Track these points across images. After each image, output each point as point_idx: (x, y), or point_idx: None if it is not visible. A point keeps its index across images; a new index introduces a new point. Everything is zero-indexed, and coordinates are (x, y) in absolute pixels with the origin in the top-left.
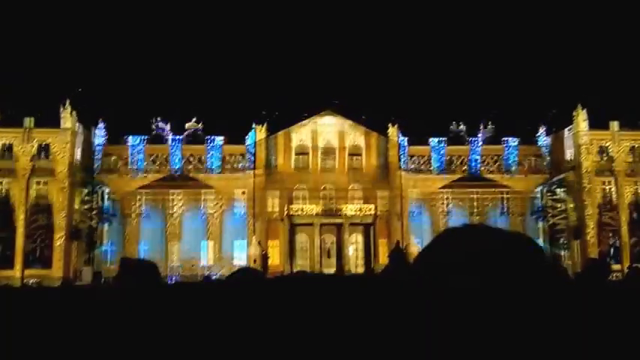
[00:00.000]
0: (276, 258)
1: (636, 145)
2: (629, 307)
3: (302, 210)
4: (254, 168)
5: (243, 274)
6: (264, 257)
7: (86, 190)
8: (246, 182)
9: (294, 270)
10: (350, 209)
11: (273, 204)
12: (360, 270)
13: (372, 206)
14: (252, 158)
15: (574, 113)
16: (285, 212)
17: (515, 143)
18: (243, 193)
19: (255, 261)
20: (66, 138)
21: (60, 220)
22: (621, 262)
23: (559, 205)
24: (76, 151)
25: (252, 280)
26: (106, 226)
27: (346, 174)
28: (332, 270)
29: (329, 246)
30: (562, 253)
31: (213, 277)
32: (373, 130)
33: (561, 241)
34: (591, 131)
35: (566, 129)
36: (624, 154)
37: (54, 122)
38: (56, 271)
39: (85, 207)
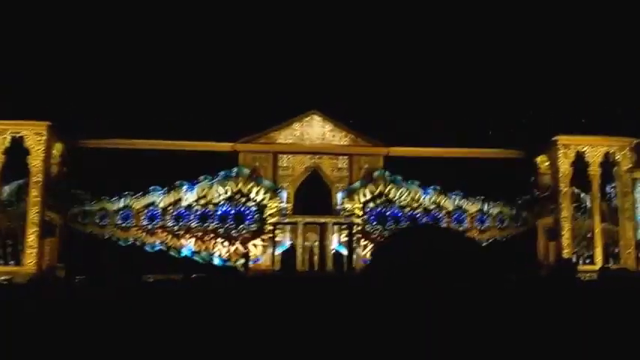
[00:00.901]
0: (254, 249)
1: (610, 151)
2: (599, 306)
3: (285, 209)
4: (237, 166)
5: (223, 272)
6: (246, 256)
7: (61, 185)
8: (232, 186)
9: (277, 269)
10: (335, 209)
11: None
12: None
13: (357, 206)
14: (236, 156)
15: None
16: (268, 211)
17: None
18: (227, 192)
19: (236, 260)
20: (41, 131)
21: (33, 215)
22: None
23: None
24: (53, 144)
25: (232, 279)
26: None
27: (331, 174)
28: (315, 268)
29: (312, 245)
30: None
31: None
32: (359, 131)
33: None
34: (569, 136)
35: (546, 133)
36: (599, 159)
37: (29, 114)
38: (28, 268)
39: (60, 202)
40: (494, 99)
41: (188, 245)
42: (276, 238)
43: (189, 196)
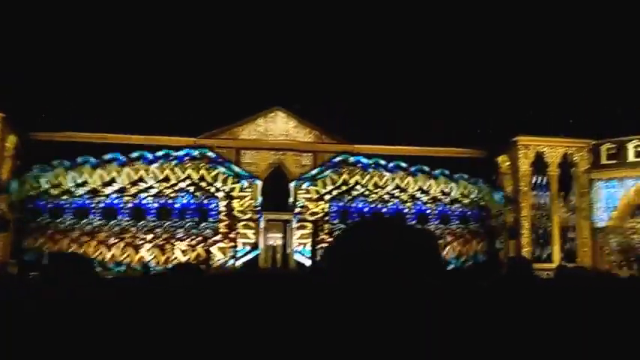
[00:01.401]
0: (219, 254)
1: (569, 152)
2: (555, 303)
3: (248, 205)
4: (200, 161)
5: (180, 270)
6: (207, 253)
7: (16, 178)
8: (194, 172)
9: (239, 266)
10: (297, 206)
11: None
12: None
13: (320, 203)
14: (199, 152)
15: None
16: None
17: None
18: (188, 179)
19: (197, 257)
20: None
21: None
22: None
23: (497, 206)
24: (6, 137)
25: (189, 277)
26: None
27: (295, 170)
28: (278, 266)
29: (275, 242)
30: (499, 251)
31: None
32: (324, 128)
33: (498, 240)
34: (529, 137)
35: (508, 134)
36: (558, 159)
37: None
38: None
39: (13, 197)
40: (458, 99)
41: (147, 258)
42: (245, 240)
43: (149, 176)
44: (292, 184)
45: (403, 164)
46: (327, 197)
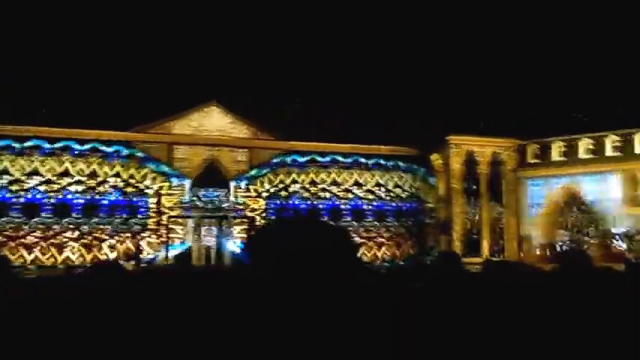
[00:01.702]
0: (149, 250)
1: (497, 151)
2: (480, 294)
3: (180, 202)
4: (129, 159)
5: (101, 268)
6: (137, 249)
7: None
8: (123, 171)
9: (170, 262)
10: (233, 202)
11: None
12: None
13: (258, 200)
14: (129, 146)
15: None
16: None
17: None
18: (117, 176)
19: (126, 254)
20: None
21: None
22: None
23: (432, 194)
24: None
25: (111, 274)
26: None
27: (230, 166)
28: (211, 263)
29: (209, 238)
30: (433, 247)
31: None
32: (261, 125)
33: (431, 236)
34: (460, 136)
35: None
36: (488, 158)
37: None
38: None
39: None
40: (394, 98)
41: (72, 258)
42: (175, 235)
43: (75, 168)
44: (232, 184)
45: (339, 158)
46: (265, 195)
